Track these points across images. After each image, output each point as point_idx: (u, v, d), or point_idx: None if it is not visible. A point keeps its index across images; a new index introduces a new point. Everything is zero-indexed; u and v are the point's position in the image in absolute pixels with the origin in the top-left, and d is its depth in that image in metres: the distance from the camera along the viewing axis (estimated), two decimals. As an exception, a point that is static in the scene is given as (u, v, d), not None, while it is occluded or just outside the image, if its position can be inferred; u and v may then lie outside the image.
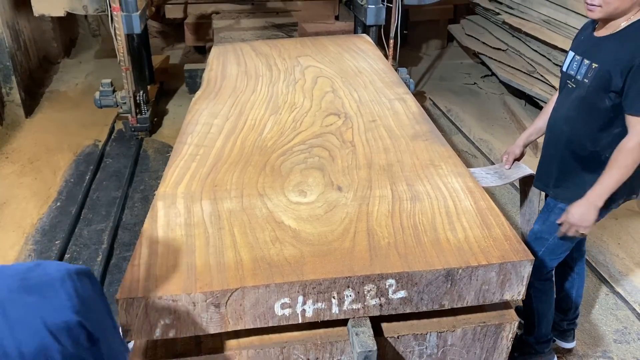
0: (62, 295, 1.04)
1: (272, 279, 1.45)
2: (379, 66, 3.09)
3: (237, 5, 6.50)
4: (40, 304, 1.02)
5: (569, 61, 2.19)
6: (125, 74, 4.69)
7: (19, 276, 1.05)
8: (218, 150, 2.14)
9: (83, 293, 1.08)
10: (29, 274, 1.07)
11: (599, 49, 2.05)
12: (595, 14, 1.99)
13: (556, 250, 2.33)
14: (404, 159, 2.07)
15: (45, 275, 1.07)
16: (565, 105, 2.17)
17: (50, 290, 1.05)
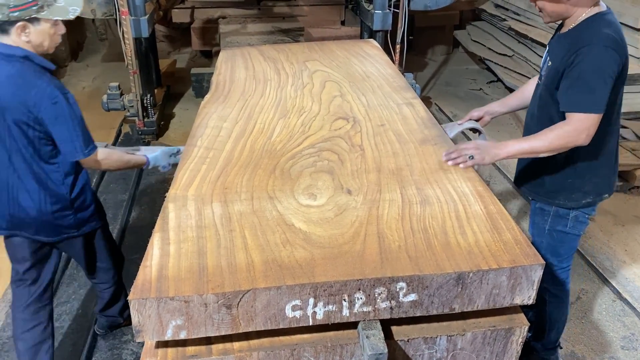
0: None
1: (284, 281, 1.45)
2: (387, 71, 3.10)
3: (244, 10, 6.54)
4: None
5: (543, 58, 2.29)
6: (132, 77, 4.72)
7: None
8: (228, 153, 2.15)
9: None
10: None
11: (557, 47, 2.14)
12: (545, 19, 2.15)
13: (557, 249, 2.35)
14: (413, 163, 2.08)
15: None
16: (533, 101, 2.29)
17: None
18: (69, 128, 2.08)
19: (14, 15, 1.96)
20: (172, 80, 6.17)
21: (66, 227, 2.32)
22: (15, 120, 2.05)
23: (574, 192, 2.22)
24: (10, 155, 2.14)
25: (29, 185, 2.19)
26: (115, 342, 2.87)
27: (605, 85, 1.94)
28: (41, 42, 2.07)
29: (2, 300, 3.14)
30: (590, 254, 3.55)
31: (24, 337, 2.43)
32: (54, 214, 2.25)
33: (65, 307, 3.08)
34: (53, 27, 2.07)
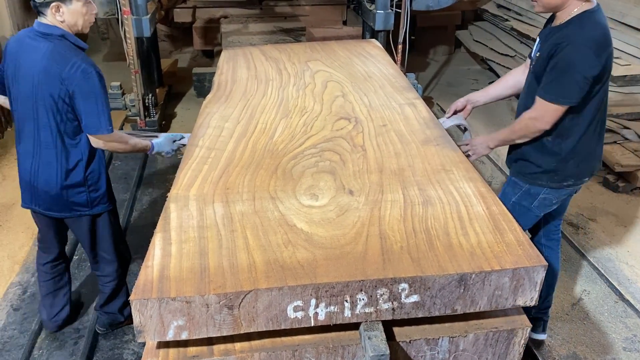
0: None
1: (285, 282, 1.45)
2: (389, 71, 3.10)
3: (246, 9, 6.53)
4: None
5: (534, 48, 2.39)
6: (134, 76, 4.72)
7: None
8: (229, 154, 2.15)
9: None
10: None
11: (548, 39, 2.24)
12: (537, 7, 2.25)
13: (516, 209, 2.45)
14: (415, 163, 2.07)
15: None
16: (524, 90, 2.44)
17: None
18: (97, 103, 2.22)
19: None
20: (174, 79, 6.16)
21: (78, 204, 2.43)
22: (50, 92, 2.20)
23: (557, 175, 2.38)
24: (39, 128, 2.29)
25: (51, 158, 2.33)
26: (116, 341, 2.86)
27: (575, 83, 2.10)
28: (75, 22, 2.23)
29: (4, 299, 3.14)
30: (593, 255, 3.54)
31: (45, 284, 2.78)
32: (68, 189, 2.38)
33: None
34: (85, 7, 2.22)
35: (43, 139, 2.31)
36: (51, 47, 2.18)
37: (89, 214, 2.48)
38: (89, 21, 2.27)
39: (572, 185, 2.42)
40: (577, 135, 2.28)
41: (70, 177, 2.37)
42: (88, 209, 2.46)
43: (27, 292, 3.19)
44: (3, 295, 3.17)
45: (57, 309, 2.83)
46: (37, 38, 2.20)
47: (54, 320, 2.84)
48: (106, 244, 2.63)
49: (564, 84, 2.11)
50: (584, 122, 2.26)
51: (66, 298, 2.85)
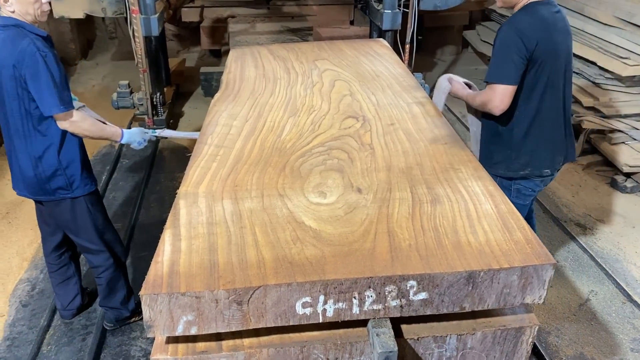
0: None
1: (294, 278, 1.45)
2: (397, 70, 3.10)
3: (253, 9, 6.55)
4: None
5: None
6: (142, 75, 4.74)
7: None
8: (238, 151, 2.16)
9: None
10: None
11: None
12: (498, 3, 2.52)
13: None
14: (423, 162, 2.08)
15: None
16: None
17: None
18: (45, 84, 2.25)
19: None
20: (182, 79, 6.19)
21: (55, 187, 2.47)
22: (9, 80, 2.27)
23: (512, 163, 2.56)
24: (7, 115, 2.35)
25: (21, 144, 2.38)
26: (124, 338, 2.88)
27: (510, 62, 2.33)
28: (26, 11, 2.27)
29: (13, 295, 3.17)
30: (600, 256, 3.53)
31: (54, 276, 2.87)
32: (43, 173, 2.42)
33: (74, 303, 3.10)
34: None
35: (12, 125, 2.37)
36: (5, 36, 2.25)
37: (69, 197, 2.51)
38: (41, 10, 2.30)
39: (530, 175, 2.58)
40: (525, 123, 2.50)
41: (43, 161, 2.40)
42: (66, 191, 2.49)
43: (36, 288, 3.22)
44: (12, 291, 3.20)
45: (69, 297, 2.90)
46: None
47: (68, 308, 2.94)
48: (88, 232, 2.63)
49: (500, 65, 2.35)
50: (531, 109, 2.47)
51: (77, 287, 2.92)
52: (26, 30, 2.27)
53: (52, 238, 2.78)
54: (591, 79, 4.74)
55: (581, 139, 4.57)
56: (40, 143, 2.39)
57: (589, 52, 4.76)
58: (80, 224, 2.62)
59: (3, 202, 3.97)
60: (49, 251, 2.81)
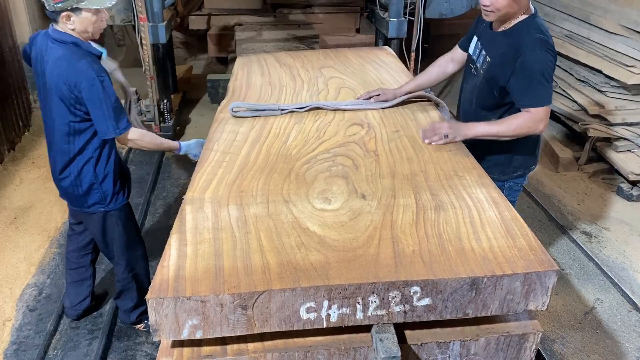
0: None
1: (299, 283, 1.47)
2: (402, 78, 3.12)
3: (260, 17, 6.61)
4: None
5: (473, 46, 2.52)
6: (150, 82, 4.79)
7: None
8: (244, 158, 2.18)
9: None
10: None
11: (493, 43, 2.37)
12: (490, 17, 2.30)
13: None
14: (427, 169, 2.09)
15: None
16: (468, 89, 2.54)
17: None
18: (102, 108, 2.29)
19: (59, 6, 2.19)
20: (189, 86, 6.23)
21: (90, 201, 2.53)
22: (61, 96, 2.29)
23: (506, 167, 2.55)
24: (54, 126, 2.41)
25: (63, 155, 2.44)
26: (129, 343, 2.90)
27: (550, 82, 2.26)
28: (85, 29, 2.29)
29: (20, 300, 3.19)
30: (606, 264, 3.52)
31: (71, 273, 2.92)
32: (80, 186, 2.48)
33: (81, 308, 3.12)
34: (94, 15, 2.27)
35: (56, 135, 2.42)
36: (62, 53, 2.26)
37: (102, 211, 2.56)
38: (99, 27, 2.33)
39: (523, 173, 2.60)
40: None
41: (82, 176, 2.46)
42: (101, 205, 2.55)
43: (43, 293, 3.24)
44: (19, 296, 3.23)
45: (79, 298, 2.94)
46: (52, 42, 2.29)
47: (76, 308, 2.97)
48: (115, 245, 2.69)
49: (545, 89, 2.24)
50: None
51: (89, 290, 2.96)
52: (83, 50, 2.29)
53: (79, 238, 2.84)
54: (597, 87, 4.75)
55: (587, 146, 4.57)
56: (82, 157, 2.44)
57: (595, 60, 4.77)
58: (109, 236, 2.67)
59: (11, 208, 4.01)
60: (72, 249, 2.87)
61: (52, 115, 2.38)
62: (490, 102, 2.42)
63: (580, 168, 4.64)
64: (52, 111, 2.37)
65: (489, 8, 2.24)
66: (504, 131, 2.30)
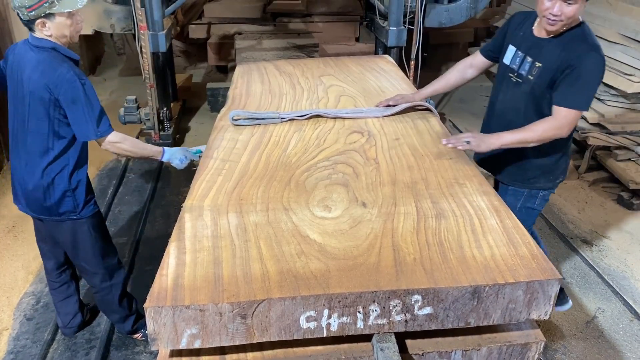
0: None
1: (299, 292, 1.45)
2: (402, 86, 3.12)
3: (259, 26, 6.61)
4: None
5: (510, 56, 2.49)
6: (149, 91, 4.79)
7: None
8: (243, 165, 2.17)
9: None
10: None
11: (541, 49, 2.34)
12: (557, 26, 2.25)
13: (525, 221, 2.49)
14: (428, 177, 2.08)
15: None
16: (513, 98, 2.48)
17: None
18: (82, 111, 2.26)
19: (32, 14, 2.19)
20: (188, 94, 6.23)
21: (61, 209, 2.46)
22: (40, 100, 2.26)
23: (551, 175, 2.54)
24: (26, 132, 2.36)
25: (36, 162, 2.38)
26: (127, 352, 2.87)
27: (594, 90, 2.25)
28: (62, 33, 2.28)
29: (17, 309, 3.17)
30: (607, 273, 3.50)
31: (55, 293, 2.87)
32: (51, 193, 2.41)
33: (78, 317, 3.10)
34: (69, 19, 2.26)
35: (30, 143, 2.36)
36: (41, 59, 2.25)
37: (71, 219, 2.50)
38: (75, 30, 2.31)
39: (562, 181, 2.59)
40: (569, 137, 2.42)
41: (55, 183, 2.40)
42: (72, 213, 2.48)
43: (41, 302, 3.22)
44: (17, 305, 3.20)
45: (70, 316, 2.90)
46: (31, 49, 2.28)
47: (69, 326, 2.93)
48: (87, 254, 2.61)
49: (588, 92, 2.23)
50: None
51: (77, 305, 2.91)
52: (62, 55, 2.28)
53: (52, 256, 2.76)
54: (596, 96, 4.75)
55: (587, 155, 4.56)
56: (57, 165, 2.39)
57: (594, 69, 4.77)
58: (80, 245, 2.59)
59: (10, 216, 3.99)
60: (50, 269, 2.80)
61: (27, 124, 2.33)
62: (546, 107, 2.36)
63: (580, 177, 4.63)
64: (29, 119, 2.32)
65: (558, 18, 2.21)
66: (530, 137, 2.28)
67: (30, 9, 2.17)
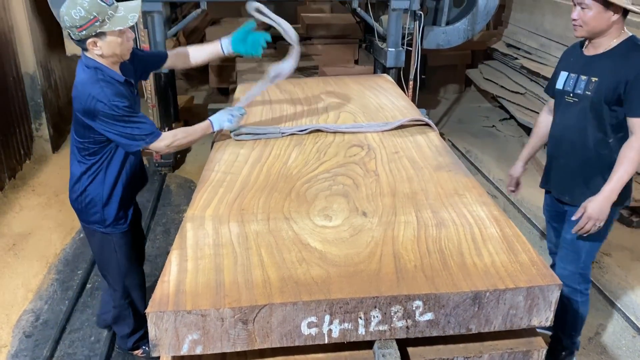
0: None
1: (300, 297, 1.46)
2: (401, 103, 3.15)
3: (260, 49, 6.71)
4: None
5: (563, 80, 2.49)
6: (151, 111, 4.84)
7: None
8: (244, 178, 2.19)
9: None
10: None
11: (594, 65, 2.37)
12: (579, 32, 2.33)
13: (594, 248, 2.55)
14: (428, 188, 2.10)
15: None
16: (571, 118, 2.45)
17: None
18: (119, 130, 2.29)
19: (83, 34, 2.17)
20: (190, 115, 6.28)
21: (91, 219, 2.52)
22: (75, 118, 2.35)
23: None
24: (72, 145, 2.47)
25: (75, 171, 2.47)
26: (127, 369, 2.85)
27: None
28: (113, 52, 2.28)
29: (16, 326, 3.15)
30: (609, 289, 3.49)
31: (103, 282, 2.86)
32: (83, 203, 2.50)
33: (78, 334, 3.08)
34: (119, 37, 2.26)
35: (72, 154, 2.48)
36: (83, 79, 2.27)
37: (100, 231, 2.54)
38: (126, 48, 2.32)
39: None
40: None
41: (85, 192, 2.47)
42: (99, 225, 2.52)
43: (40, 319, 3.20)
44: (16, 322, 3.19)
45: (105, 309, 2.94)
46: (82, 68, 2.31)
47: (103, 318, 2.98)
48: (110, 269, 2.65)
49: None
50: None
51: None
52: (104, 75, 2.27)
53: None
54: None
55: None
56: (87, 178, 2.44)
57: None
58: (104, 258, 2.64)
59: (10, 234, 4.00)
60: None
61: (73, 135, 2.43)
62: (607, 122, 2.34)
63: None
64: (72, 130, 2.43)
65: (577, 22, 2.29)
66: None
67: (81, 29, 2.15)
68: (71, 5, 2.13)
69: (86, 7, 2.12)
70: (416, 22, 4.90)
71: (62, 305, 3.29)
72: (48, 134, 5.38)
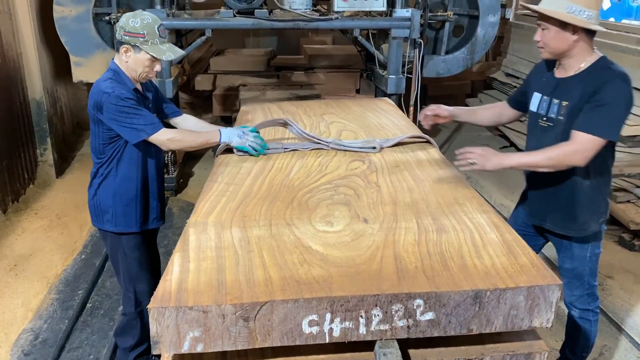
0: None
1: (301, 294, 1.46)
2: (401, 123, 3.20)
3: (263, 78, 6.83)
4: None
5: (537, 101, 2.45)
6: (155, 135, 4.88)
7: None
8: (247, 188, 2.21)
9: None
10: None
11: (564, 88, 2.32)
12: (543, 53, 2.32)
13: (594, 270, 2.57)
14: (428, 197, 2.12)
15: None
16: (546, 142, 2.33)
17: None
18: (122, 120, 2.39)
19: (125, 38, 2.39)
20: (193, 143, 6.35)
21: (102, 218, 2.59)
22: (90, 117, 2.48)
23: (599, 213, 2.43)
24: (91, 152, 2.58)
25: (93, 171, 2.57)
26: (125, 387, 2.81)
27: (624, 115, 2.19)
28: (135, 68, 2.45)
29: (15, 345, 3.12)
30: (612, 311, 3.46)
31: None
32: (97, 200, 2.57)
33: (77, 352, 3.05)
34: (149, 61, 2.43)
35: (91, 151, 2.58)
36: (101, 77, 2.45)
37: (111, 231, 2.59)
38: (146, 74, 2.47)
39: (604, 220, 2.47)
40: (609, 166, 2.38)
41: (98, 191, 2.56)
42: (111, 224, 2.58)
43: (39, 338, 3.18)
44: (15, 341, 3.16)
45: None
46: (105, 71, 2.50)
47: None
48: (120, 272, 2.68)
49: (610, 119, 2.15)
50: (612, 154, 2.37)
51: None
52: (120, 78, 2.43)
53: None
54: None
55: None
56: (101, 175, 2.54)
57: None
58: (115, 260, 2.69)
59: (12, 256, 4.00)
60: None
61: (90, 139, 2.55)
62: None
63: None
64: (90, 135, 2.54)
65: (539, 44, 2.28)
66: (541, 160, 2.22)
67: (127, 34, 2.37)
68: (135, 15, 2.39)
69: (143, 24, 2.36)
70: (416, 50, 5.00)
71: (62, 325, 3.27)
72: (52, 159, 5.43)
